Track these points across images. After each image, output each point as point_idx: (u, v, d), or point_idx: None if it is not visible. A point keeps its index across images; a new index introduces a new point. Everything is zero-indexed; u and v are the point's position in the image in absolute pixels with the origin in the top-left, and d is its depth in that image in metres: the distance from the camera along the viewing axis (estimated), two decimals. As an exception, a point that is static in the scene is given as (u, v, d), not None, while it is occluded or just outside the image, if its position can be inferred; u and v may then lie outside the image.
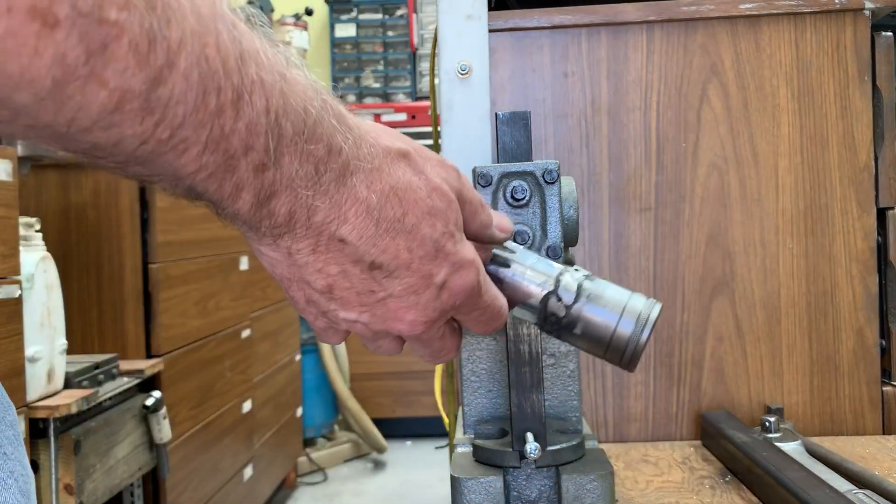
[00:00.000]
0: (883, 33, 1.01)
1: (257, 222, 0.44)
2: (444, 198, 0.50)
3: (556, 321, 0.55)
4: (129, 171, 0.38)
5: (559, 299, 0.55)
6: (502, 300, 0.55)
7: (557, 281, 0.55)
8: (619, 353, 0.55)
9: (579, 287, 0.55)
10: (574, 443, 0.68)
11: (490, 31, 1.01)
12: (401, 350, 0.55)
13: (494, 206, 0.65)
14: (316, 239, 0.45)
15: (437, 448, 3.78)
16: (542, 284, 0.56)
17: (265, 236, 0.45)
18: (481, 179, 0.65)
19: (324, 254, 0.46)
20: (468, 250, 0.51)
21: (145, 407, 1.90)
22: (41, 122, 0.33)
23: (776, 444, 0.85)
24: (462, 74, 1.00)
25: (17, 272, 1.52)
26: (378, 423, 3.77)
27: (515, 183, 0.64)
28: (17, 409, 1.46)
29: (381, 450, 3.72)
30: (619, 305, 0.55)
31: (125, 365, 1.93)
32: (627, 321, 0.55)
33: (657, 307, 0.55)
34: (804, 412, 1.01)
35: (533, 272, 0.56)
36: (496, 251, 0.57)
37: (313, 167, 0.43)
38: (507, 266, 0.56)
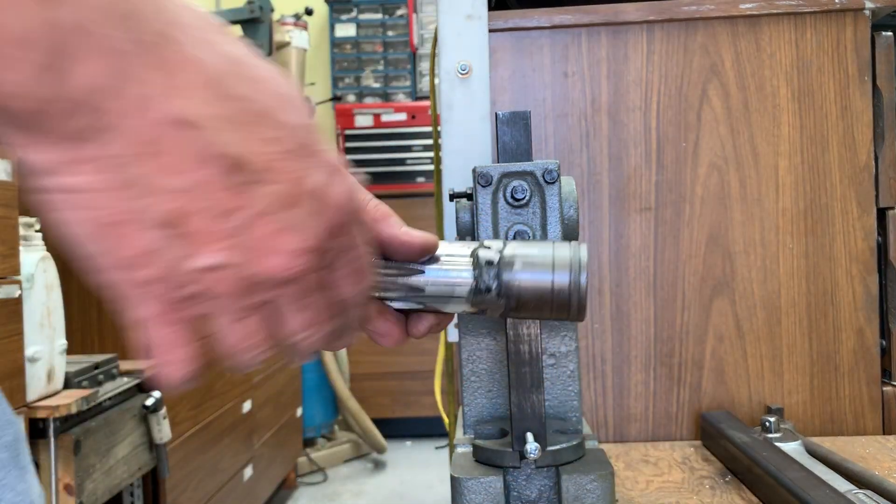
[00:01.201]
0: (883, 33, 1.01)
1: (46, 108, 0.33)
2: (294, 88, 0.40)
3: (493, 299, 0.53)
4: None
5: (487, 276, 0.53)
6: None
7: (476, 257, 0.53)
8: (564, 307, 0.53)
9: (500, 258, 0.53)
10: (574, 443, 0.68)
11: (490, 31, 1.01)
12: (310, 356, 0.44)
13: (494, 206, 0.65)
14: (145, 132, 0.34)
15: (437, 448, 3.78)
16: (465, 270, 0.53)
17: (63, 140, 0.34)
18: (481, 179, 0.64)
19: (160, 156, 0.35)
20: (337, 155, 0.41)
21: (145, 407, 1.90)
22: None
23: (776, 444, 0.85)
24: (462, 74, 1.00)
25: (17, 272, 1.52)
26: (378, 423, 3.77)
27: (515, 183, 0.64)
28: (16, 408, 1.46)
29: (380, 450, 3.72)
30: (547, 260, 0.53)
31: (125, 365, 1.93)
32: (561, 273, 0.53)
33: (583, 248, 0.54)
34: (804, 412, 1.01)
35: (450, 260, 0.53)
36: (392, 269, 0.52)
37: (121, 18, 0.33)
38: (424, 267, 0.52)
